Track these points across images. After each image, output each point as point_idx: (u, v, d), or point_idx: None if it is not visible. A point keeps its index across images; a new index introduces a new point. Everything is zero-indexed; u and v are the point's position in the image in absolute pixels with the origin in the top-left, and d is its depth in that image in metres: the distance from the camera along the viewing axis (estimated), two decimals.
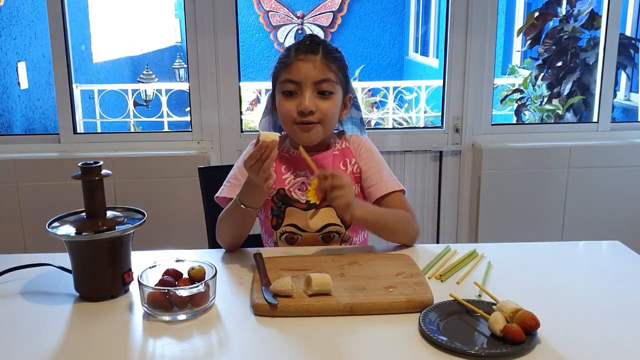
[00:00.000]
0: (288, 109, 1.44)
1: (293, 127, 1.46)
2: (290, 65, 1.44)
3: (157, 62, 8.07)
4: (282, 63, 1.46)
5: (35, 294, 1.22)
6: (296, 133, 1.47)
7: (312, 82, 1.43)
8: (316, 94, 1.44)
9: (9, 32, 3.95)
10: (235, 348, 1.03)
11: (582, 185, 2.64)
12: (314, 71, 1.43)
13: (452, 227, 2.75)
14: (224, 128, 2.60)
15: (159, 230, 2.46)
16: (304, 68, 1.43)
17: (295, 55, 1.45)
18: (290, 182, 1.51)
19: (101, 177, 1.18)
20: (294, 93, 1.44)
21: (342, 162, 1.53)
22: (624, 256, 1.42)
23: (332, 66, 1.45)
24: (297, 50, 1.46)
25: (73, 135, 2.60)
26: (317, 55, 1.44)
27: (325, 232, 1.50)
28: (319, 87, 1.44)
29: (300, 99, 1.43)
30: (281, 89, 1.46)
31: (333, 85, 1.45)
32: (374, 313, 1.11)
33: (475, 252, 1.40)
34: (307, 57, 1.44)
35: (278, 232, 1.51)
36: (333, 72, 1.45)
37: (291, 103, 1.44)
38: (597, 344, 1.03)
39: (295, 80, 1.43)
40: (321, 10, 8.34)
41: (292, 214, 1.50)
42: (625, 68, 3.89)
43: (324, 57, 1.45)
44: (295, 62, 1.44)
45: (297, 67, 1.44)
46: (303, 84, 1.43)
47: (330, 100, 1.45)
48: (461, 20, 2.56)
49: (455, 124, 2.66)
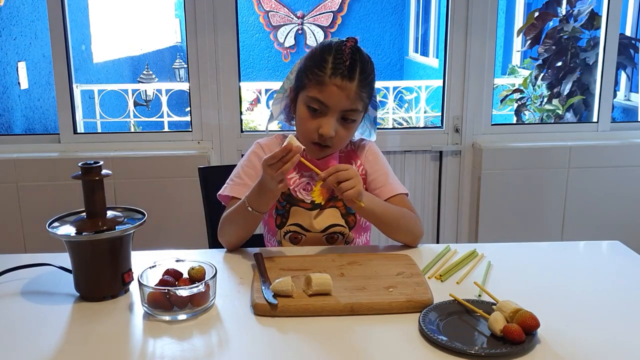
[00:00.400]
0: (309, 128, 1.43)
1: (308, 144, 1.45)
2: (324, 86, 1.39)
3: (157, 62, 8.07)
4: (317, 79, 1.40)
5: (35, 294, 1.22)
6: (310, 149, 1.47)
7: (340, 110, 1.41)
8: (340, 118, 1.43)
9: (9, 32, 3.95)
10: (236, 348, 1.03)
11: (582, 185, 2.64)
12: (346, 101, 1.40)
13: (452, 227, 2.76)
14: (224, 128, 2.60)
15: (159, 230, 2.46)
16: (338, 94, 1.39)
17: (331, 79, 1.39)
18: (295, 182, 1.51)
19: (101, 177, 1.18)
20: (318, 111, 1.42)
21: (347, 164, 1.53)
22: (624, 256, 1.42)
23: (363, 94, 1.42)
24: (335, 73, 1.39)
25: (73, 135, 2.60)
26: (353, 82, 1.39)
27: (329, 233, 1.50)
28: (345, 115, 1.42)
29: (323, 120, 1.41)
30: (307, 102, 1.43)
31: (358, 114, 1.45)
32: (374, 313, 1.11)
33: (475, 252, 1.40)
34: (343, 83, 1.39)
35: (282, 231, 1.51)
36: (363, 100, 1.43)
37: (313, 122, 1.42)
38: (597, 343, 1.03)
39: (325, 102, 1.40)
40: (321, 10, 8.34)
41: (297, 214, 1.50)
42: (625, 68, 3.89)
43: (359, 85, 1.40)
44: (331, 85, 1.39)
45: (330, 92, 1.39)
46: (331, 109, 1.41)
47: (351, 128, 1.46)
48: (461, 20, 2.56)
49: (455, 124, 2.66)
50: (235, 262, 1.37)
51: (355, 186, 1.31)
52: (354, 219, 1.51)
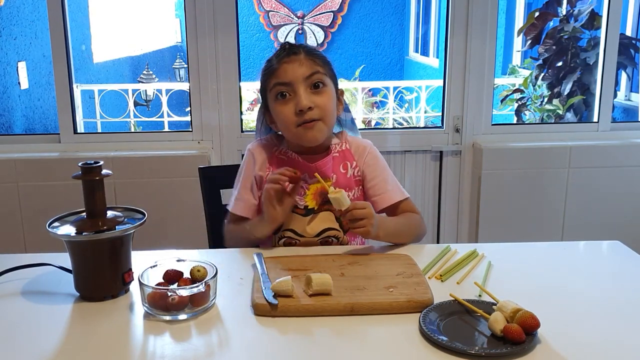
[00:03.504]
0: (286, 113, 1.43)
1: (296, 131, 1.44)
2: (276, 70, 1.45)
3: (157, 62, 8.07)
4: (268, 72, 1.47)
5: (35, 294, 1.22)
6: (300, 136, 1.45)
7: (303, 78, 1.43)
8: (310, 89, 1.43)
9: (9, 32, 3.95)
10: (236, 348, 1.03)
11: (582, 185, 2.64)
12: (301, 68, 1.43)
13: (452, 227, 2.75)
14: (224, 128, 2.60)
15: (159, 230, 2.46)
16: (291, 67, 1.44)
17: (279, 61, 1.46)
18: (288, 186, 1.48)
19: (101, 177, 1.18)
20: (287, 95, 1.44)
21: (342, 165, 1.52)
22: (624, 256, 1.42)
23: (317, 60, 1.46)
24: (279, 56, 1.47)
25: (73, 135, 2.60)
26: (300, 54, 1.45)
27: (323, 237, 1.49)
28: (311, 81, 1.43)
29: (295, 99, 1.43)
30: (274, 95, 1.46)
31: (323, 77, 1.45)
32: (374, 313, 1.11)
33: (476, 252, 1.40)
34: (290, 58, 1.45)
35: (277, 236, 1.50)
36: (319, 65, 1.45)
37: (288, 106, 1.43)
38: (597, 343, 1.02)
39: (285, 81, 1.43)
40: (321, 10, 8.34)
41: (290, 219, 1.48)
42: (626, 68, 3.89)
43: (307, 55, 1.46)
44: (281, 65, 1.45)
45: (284, 69, 1.44)
46: (294, 83, 1.43)
47: (325, 94, 1.45)
48: (461, 20, 2.56)
49: (456, 124, 2.66)
50: (236, 262, 1.37)
51: (365, 227, 1.36)
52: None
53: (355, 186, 1.52)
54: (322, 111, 1.43)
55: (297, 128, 1.44)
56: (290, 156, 1.51)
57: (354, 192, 1.51)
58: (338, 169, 1.51)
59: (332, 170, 1.50)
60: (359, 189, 1.53)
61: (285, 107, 1.44)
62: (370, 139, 1.61)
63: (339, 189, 1.39)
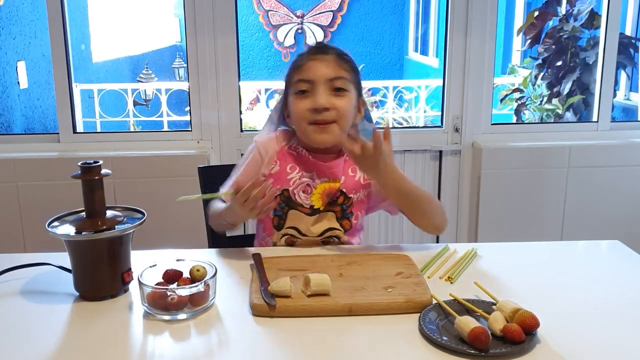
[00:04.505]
0: (301, 108, 1.43)
1: (307, 128, 1.44)
2: (303, 65, 1.44)
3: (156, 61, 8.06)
4: (294, 66, 1.46)
5: (35, 294, 1.22)
6: (310, 134, 1.44)
7: (326, 79, 1.42)
8: (330, 91, 1.42)
9: (9, 32, 3.95)
10: (235, 348, 1.03)
11: (582, 185, 2.64)
12: (326, 69, 1.43)
13: (451, 227, 2.75)
14: (223, 127, 2.60)
15: (159, 230, 2.45)
16: (317, 66, 1.43)
17: (307, 57, 1.45)
18: (295, 183, 1.48)
19: (101, 177, 1.18)
20: (306, 92, 1.43)
21: (351, 168, 1.51)
22: (624, 256, 1.42)
23: (344, 65, 1.45)
24: (309, 52, 1.47)
25: (73, 135, 2.60)
26: (330, 55, 1.45)
27: (325, 237, 1.49)
28: (333, 84, 1.42)
29: (313, 97, 1.42)
30: (294, 90, 1.45)
31: (347, 83, 1.44)
32: (372, 313, 1.11)
33: (475, 252, 1.40)
34: (318, 56, 1.45)
35: (279, 233, 1.50)
36: (346, 70, 1.45)
37: (304, 102, 1.43)
38: (597, 343, 1.02)
39: (308, 79, 1.42)
40: (321, 10, 8.33)
41: (294, 218, 1.48)
42: (625, 67, 3.89)
43: (337, 58, 1.45)
44: (308, 62, 1.44)
45: (309, 67, 1.44)
46: (316, 82, 1.42)
47: (345, 98, 1.44)
48: (461, 20, 2.56)
49: (455, 124, 2.66)
50: (235, 262, 1.37)
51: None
52: (349, 223, 1.50)
53: (362, 189, 1.51)
54: (339, 114, 1.43)
55: (309, 125, 1.43)
56: (300, 152, 1.51)
57: (358, 195, 1.51)
58: (347, 172, 1.50)
59: (342, 173, 1.50)
60: (364, 192, 1.52)
61: (301, 102, 1.43)
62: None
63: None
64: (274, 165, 1.50)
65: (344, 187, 1.48)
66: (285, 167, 1.49)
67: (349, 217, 1.49)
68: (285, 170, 1.49)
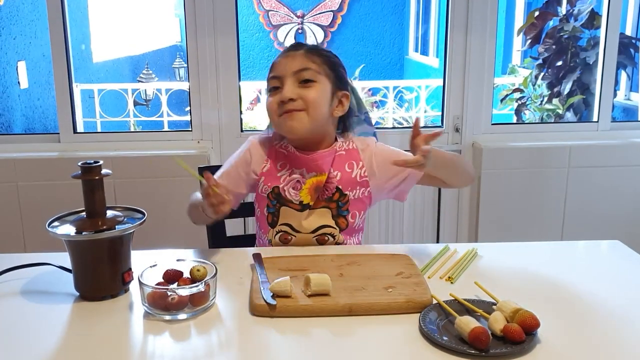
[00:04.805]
0: (270, 103, 1.48)
1: (278, 120, 1.47)
2: (274, 64, 1.50)
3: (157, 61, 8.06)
4: (270, 66, 1.51)
5: (35, 294, 1.22)
6: (281, 125, 1.47)
7: (292, 72, 1.45)
8: (298, 84, 1.45)
9: (9, 32, 3.95)
10: (235, 348, 1.03)
11: (582, 185, 2.64)
12: (292, 63, 1.46)
13: (452, 227, 2.75)
14: (224, 127, 2.60)
15: (159, 230, 2.46)
16: (284, 62, 1.48)
17: (279, 56, 1.51)
18: (285, 180, 1.49)
19: (101, 177, 1.18)
20: (277, 88, 1.47)
21: (347, 164, 1.51)
22: (624, 256, 1.42)
23: (314, 58, 1.48)
24: (283, 51, 1.52)
25: (73, 135, 2.60)
26: (300, 50, 1.49)
27: (319, 234, 1.49)
28: (300, 76, 1.45)
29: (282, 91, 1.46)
30: (268, 88, 1.50)
31: (314, 74, 1.46)
32: (373, 313, 1.11)
33: (476, 252, 1.40)
34: (288, 53, 1.49)
35: (274, 230, 1.51)
36: (315, 63, 1.47)
37: (274, 97, 1.47)
38: (597, 343, 1.03)
39: (277, 75, 1.47)
40: (321, 10, 8.33)
41: (287, 214, 1.49)
42: (626, 67, 3.89)
43: (306, 52, 1.49)
44: (278, 60, 1.50)
45: (279, 63, 1.48)
46: (284, 77, 1.46)
47: (313, 88, 1.45)
48: (461, 20, 2.56)
49: (455, 124, 2.66)
50: (235, 262, 1.37)
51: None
52: (344, 221, 1.50)
53: (359, 187, 1.51)
54: (307, 103, 1.44)
55: (279, 118, 1.46)
56: (289, 150, 1.52)
57: (354, 192, 1.50)
58: (343, 168, 1.50)
59: (337, 167, 1.50)
60: (361, 190, 1.51)
61: (271, 98, 1.48)
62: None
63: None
64: (265, 164, 1.52)
65: (340, 184, 1.48)
66: (276, 165, 1.52)
67: (345, 215, 1.49)
68: (275, 168, 1.51)
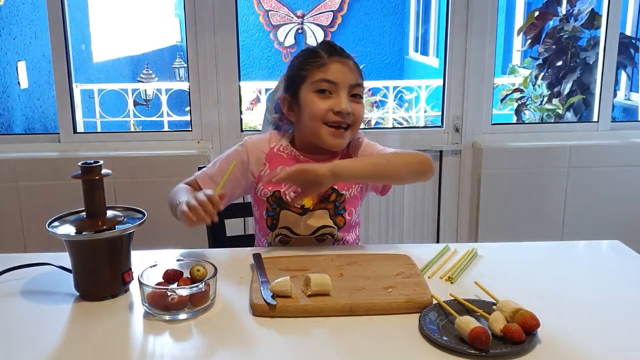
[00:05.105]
0: (322, 107, 1.43)
1: (322, 128, 1.44)
2: (326, 65, 1.44)
3: (157, 61, 8.06)
4: (315, 63, 1.45)
5: (35, 294, 1.22)
6: (324, 136, 1.45)
7: (349, 84, 1.44)
8: (349, 97, 1.45)
9: (9, 32, 3.95)
10: (235, 348, 1.03)
11: (582, 185, 2.64)
12: (350, 75, 1.45)
13: (452, 227, 2.75)
14: (224, 128, 2.60)
15: (159, 230, 2.45)
16: (342, 70, 1.44)
17: (329, 57, 1.45)
18: (286, 184, 1.48)
19: (101, 177, 1.18)
20: (327, 92, 1.44)
21: None
22: (624, 256, 1.42)
23: (361, 73, 1.49)
24: (332, 53, 1.46)
25: (73, 135, 2.60)
26: (350, 61, 1.47)
27: (318, 235, 1.50)
28: (353, 91, 1.45)
29: (335, 99, 1.43)
30: (315, 88, 1.44)
31: (362, 91, 1.48)
32: (373, 313, 1.11)
33: (475, 252, 1.40)
34: (342, 60, 1.46)
35: (273, 233, 1.51)
36: (361, 79, 1.48)
37: (326, 102, 1.43)
38: (597, 343, 1.02)
39: (332, 80, 1.43)
40: (321, 10, 8.33)
41: (287, 218, 1.49)
42: (626, 67, 3.89)
43: (355, 64, 1.48)
44: (332, 62, 1.44)
45: (334, 69, 1.44)
46: (340, 85, 1.43)
47: (361, 105, 1.47)
48: (461, 20, 2.56)
49: (455, 124, 2.66)
50: (235, 262, 1.37)
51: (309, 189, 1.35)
52: (342, 219, 1.50)
53: (355, 185, 1.52)
54: (356, 120, 1.46)
55: (324, 125, 1.44)
56: (290, 153, 1.52)
57: (350, 191, 1.51)
58: None
59: None
60: (356, 187, 1.52)
61: (322, 102, 1.44)
62: (370, 138, 1.61)
63: None
64: (263, 167, 1.52)
65: (336, 184, 1.48)
66: (276, 169, 1.49)
67: (342, 213, 1.50)
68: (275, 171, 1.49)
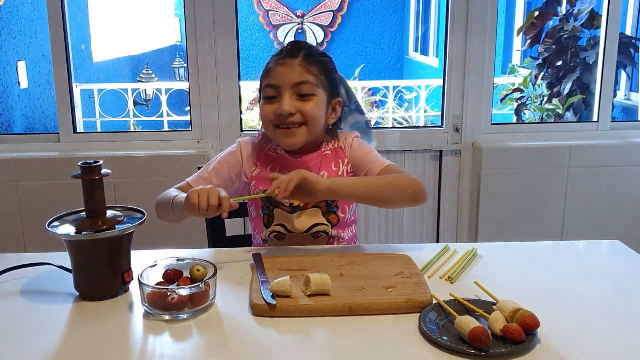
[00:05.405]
0: (266, 112, 1.46)
1: (275, 132, 1.47)
2: (270, 70, 1.47)
3: (157, 61, 8.06)
4: (265, 70, 1.49)
5: (35, 294, 1.22)
6: (277, 137, 1.48)
7: (290, 85, 1.44)
8: (296, 97, 1.44)
9: (9, 32, 3.95)
10: (235, 348, 1.03)
11: (582, 185, 2.64)
12: (291, 74, 1.44)
13: (452, 227, 2.75)
14: (224, 127, 2.60)
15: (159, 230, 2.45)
16: (282, 72, 1.45)
17: (275, 61, 1.48)
18: None
19: (101, 177, 1.18)
20: (274, 97, 1.45)
21: (334, 163, 1.53)
22: (624, 256, 1.42)
23: (312, 69, 1.46)
24: (278, 56, 1.49)
25: (73, 135, 2.60)
26: (297, 59, 1.46)
27: (312, 233, 1.50)
28: (299, 90, 1.44)
29: (279, 102, 1.45)
30: (264, 95, 1.48)
31: (313, 87, 1.45)
32: (373, 313, 1.11)
33: (476, 252, 1.40)
34: (286, 61, 1.46)
35: (268, 230, 1.52)
36: (313, 74, 1.45)
37: (270, 107, 1.46)
38: (597, 343, 1.03)
39: (274, 84, 1.45)
40: (321, 10, 8.33)
41: (280, 215, 1.51)
42: (626, 67, 3.89)
43: (303, 61, 1.45)
44: (275, 67, 1.47)
45: (276, 72, 1.46)
46: (282, 88, 1.44)
47: (311, 102, 1.45)
48: (461, 20, 2.56)
49: (455, 124, 2.66)
50: (235, 262, 1.37)
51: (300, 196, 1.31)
52: (335, 217, 1.51)
53: None
54: (306, 117, 1.45)
55: (275, 129, 1.46)
56: (279, 153, 1.54)
57: None
58: (330, 167, 1.52)
59: (324, 168, 1.51)
60: None
61: (268, 107, 1.47)
62: None
63: None
64: (255, 167, 1.53)
65: None
66: (266, 169, 1.52)
67: (335, 211, 1.51)
68: (266, 171, 1.52)
